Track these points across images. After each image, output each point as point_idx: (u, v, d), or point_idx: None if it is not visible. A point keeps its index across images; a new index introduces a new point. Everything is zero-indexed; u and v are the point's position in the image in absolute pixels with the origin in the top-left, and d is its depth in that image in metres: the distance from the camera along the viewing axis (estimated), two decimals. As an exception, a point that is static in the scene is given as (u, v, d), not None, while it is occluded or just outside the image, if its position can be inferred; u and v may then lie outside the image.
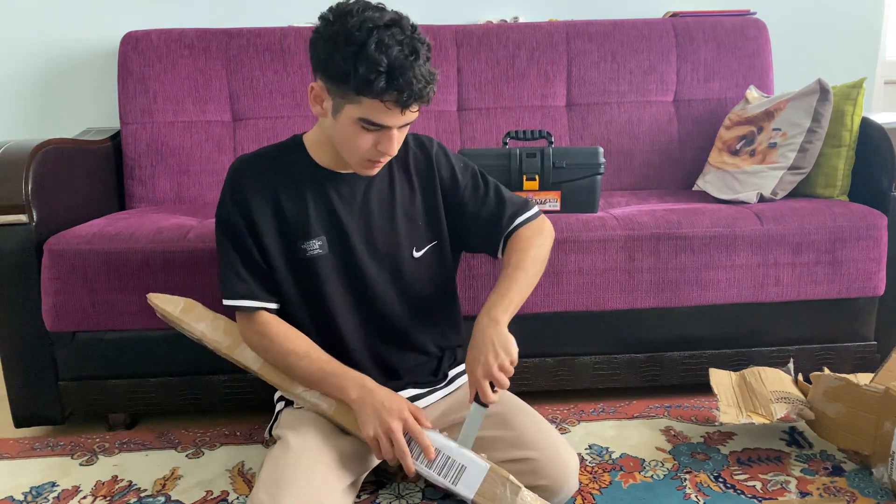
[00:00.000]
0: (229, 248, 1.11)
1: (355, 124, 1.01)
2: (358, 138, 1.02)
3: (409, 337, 1.21)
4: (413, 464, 1.02)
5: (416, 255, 1.19)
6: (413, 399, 1.21)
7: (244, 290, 1.11)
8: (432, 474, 1.04)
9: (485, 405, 1.05)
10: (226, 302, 1.12)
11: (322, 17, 1.01)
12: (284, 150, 1.15)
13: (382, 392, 1.06)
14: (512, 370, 1.04)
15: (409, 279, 1.19)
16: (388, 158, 1.08)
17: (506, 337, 1.05)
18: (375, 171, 1.10)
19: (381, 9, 0.99)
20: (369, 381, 1.08)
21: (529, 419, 1.17)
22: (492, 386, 1.04)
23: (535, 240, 1.19)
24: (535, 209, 1.24)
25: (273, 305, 1.14)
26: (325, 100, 1.04)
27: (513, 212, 1.21)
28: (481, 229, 1.22)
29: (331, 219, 1.13)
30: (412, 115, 1.01)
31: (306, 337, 1.13)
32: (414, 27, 0.99)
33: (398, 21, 0.97)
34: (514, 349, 1.05)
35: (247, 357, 1.21)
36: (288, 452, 1.06)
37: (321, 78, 1.02)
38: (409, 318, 1.20)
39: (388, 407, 1.03)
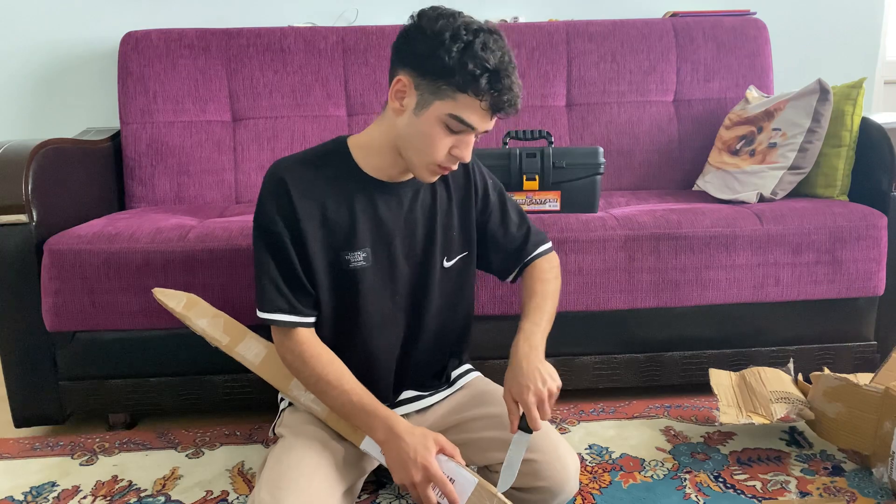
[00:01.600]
0: (270, 260, 1.05)
1: (439, 123, 0.99)
2: (437, 138, 1.00)
3: (430, 344, 1.20)
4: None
5: (447, 264, 1.17)
6: (414, 399, 1.21)
7: (283, 305, 1.05)
8: None
9: (530, 432, 1.04)
10: (262, 315, 1.06)
11: (421, 14, 1.03)
12: (329, 156, 1.09)
13: (409, 438, 1.00)
14: (556, 397, 1.05)
15: (437, 288, 1.17)
16: (456, 166, 1.06)
17: (548, 365, 1.06)
18: (436, 177, 1.07)
19: (468, 19, 1.02)
20: (398, 424, 1.01)
21: None
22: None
23: (555, 272, 1.24)
24: (550, 243, 1.28)
25: (311, 320, 1.09)
26: (410, 96, 1.00)
27: (535, 241, 1.25)
28: (502, 252, 1.23)
29: (378, 230, 1.09)
30: (494, 122, 1.02)
31: (339, 361, 1.08)
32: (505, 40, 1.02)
33: (496, 31, 1.01)
34: (558, 377, 1.06)
35: (245, 355, 1.20)
36: (290, 452, 1.06)
37: (411, 73, 1.00)
38: (433, 326, 1.19)
39: (413, 458, 0.98)
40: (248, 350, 1.21)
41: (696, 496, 1.25)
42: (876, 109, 2.49)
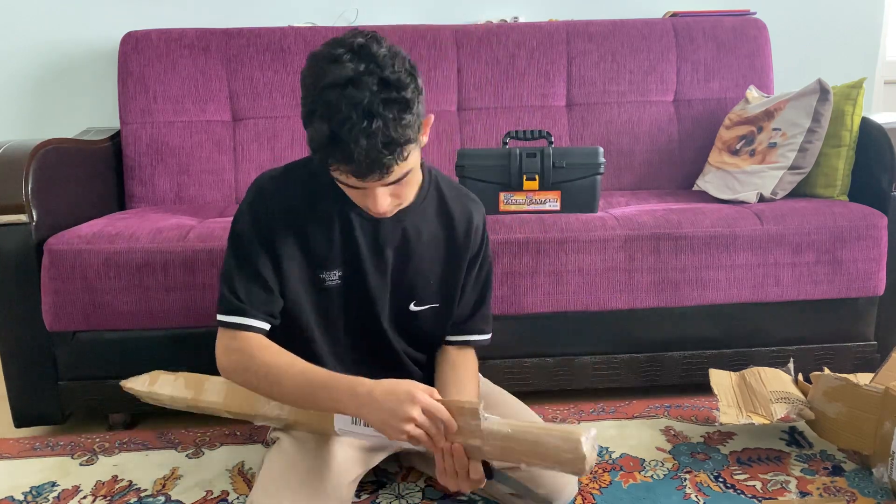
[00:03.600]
0: (234, 263, 1.05)
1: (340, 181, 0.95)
2: (347, 191, 0.97)
3: (404, 365, 1.19)
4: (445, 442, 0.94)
5: (413, 308, 1.14)
6: None
7: (236, 307, 1.03)
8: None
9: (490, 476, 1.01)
10: (218, 317, 1.05)
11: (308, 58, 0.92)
12: (312, 172, 1.06)
13: (379, 389, 0.93)
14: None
15: (404, 325, 1.16)
16: (390, 214, 1.00)
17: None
18: (386, 216, 1.01)
19: (355, 54, 0.87)
20: (360, 385, 0.94)
21: (531, 419, 1.17)
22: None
23: (475, 374, 1.19)
24: (488, 337, 1.23)
25: (264, 325, 1.05)
26: None
27: (474, 326, 1.20)
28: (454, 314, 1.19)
29: (350, 255, 1.08)
30: (384, 179, 0.91)
31: (289, 352, 1.03)
32: (386, 82, 0.86)
33: (359, 78, 0.85)
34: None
35: (210, 398, 1.20)
36: (285, 455, 1.06)
37: None
38: (402, 352, 1.18)
39: (398, 398, 0.91)
40: (212, 392, 1.21)
41: (696, 496, 1.25)
42: (876, 109, 2.49)
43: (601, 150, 1.65)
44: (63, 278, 1.44)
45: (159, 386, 1.27)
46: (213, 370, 1.52)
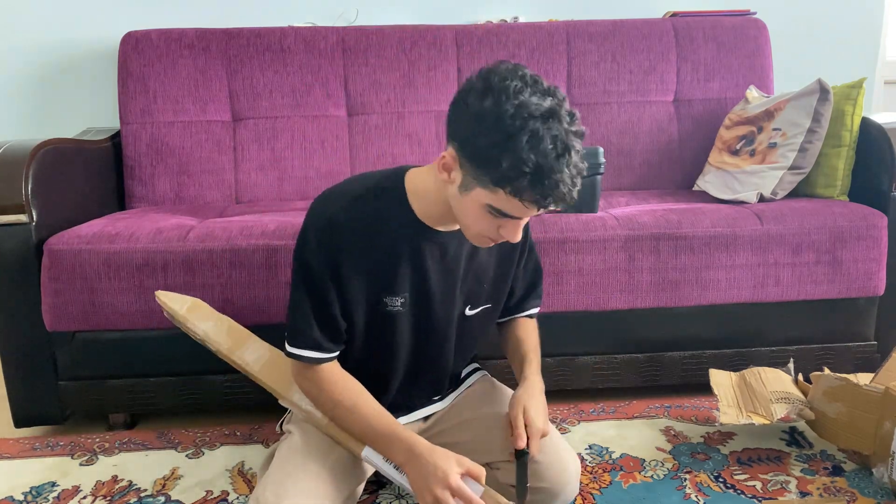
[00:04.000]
0: (305, 295, 1.03)
1: (482, 208, 0.92)
2: (481, 220, 0.95)
3: (446, 372, 1.21)
4: None
5: (469, 313, 1.15)
6: (424, 405, 1.22)
7: (311, 343, 1.04)
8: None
9: (526, 454, 1.05)
10: (289, 349, 1.05)
11: (473, 85, 0.91)
12: (383, 194, 1.04)
13: (430, 458, 0.97)
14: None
15: (458, 332, 1.16)
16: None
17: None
18: (489, 245, 1.02)
19: (540, 89, 0.88)
20: (417, 445, 0.99)
21: None
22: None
23: (533, 330, 1.27)
24: (539, 307, 1.30)
25: (335, 355, 1.07)
26: (456, 171, 0.94)
27: (530, 301, 1.28)
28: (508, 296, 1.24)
29: (418, 278, 1.06)
30: (544, 210, 0.93)
31: (355, 384, 1.07)
32: (573, 115, 0.89)
33: (557, 110, 0.87)
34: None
35: (246, 357, 1.20)
36: (295, 453, 1.05)
37: (457, 148, 0.92)
38: (450, 362, 1.19)
39: (436, 476, 0.95)
40: (250, 353, 1.20)
41: (696, 496, 1.25)
42: (876, 109, 2.49)
43: (601, 150, 1.64)
44: (63, 278, 1.44)
45: (199, 317, 1.22)
46: (213, 370, 1.53)
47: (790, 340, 1.66)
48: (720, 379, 1.48)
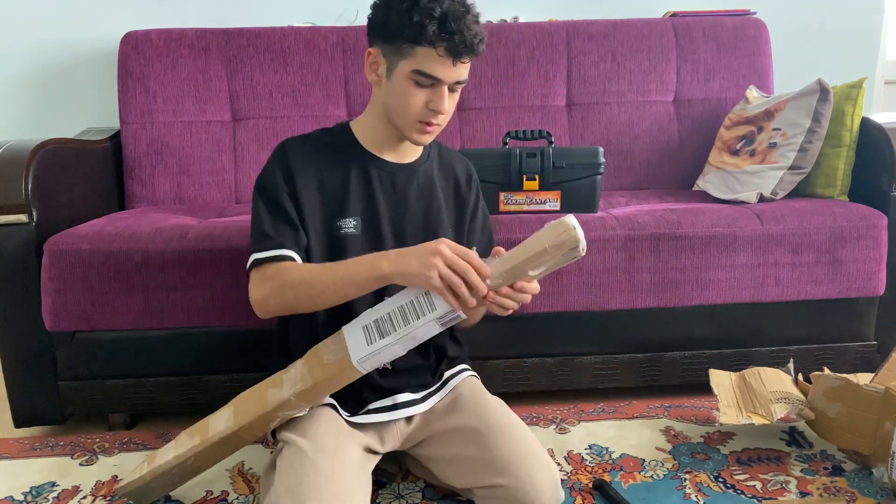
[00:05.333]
0: (263, 208, 1.12)
1: (408, 80, 1.05)
2: (411, 96, 1.06)
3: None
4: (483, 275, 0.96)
5: None
6: (408, 404, 1.18)
7: (273, 244, 1.10)
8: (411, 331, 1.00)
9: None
10: (253, 257, 1.10)
11: None
12: (331, 132, 1.19)
13: (410, 248, 1.01)
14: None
15: None
16: (441, 121, 1.10)
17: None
18: (428, 137, 1.12)
19: None
20: (390, 251, 1.04)
21: (508, 439, 1.11)
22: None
23: None
24: None
25: (296, 256, 1.10)
26: (380, 64, 1.09)
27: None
28: None
29: (368, 202, 1.15)
30: (463, 69, 1.06)
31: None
32: None
33: None
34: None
35: (220, 427, 1.12)
36: (303, 457, 1.03)
37: (377, 43, 1.09)
38: None
39: (427, 247, 0.97)
40: (219, 422, 1.13)
41: (696, 496, 1.25)
42: (876, 109, 2.49)
43: (601, 150, 1.65)
44: (63, 278, 1.44)
45: (159, 457, 1.16)
46: (212, 369, 1.53)
47: (790, 340, 1.66)
48: (720, 379, 1.48)
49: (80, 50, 2.21)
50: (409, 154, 1.20)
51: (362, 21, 2.41)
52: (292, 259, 1.10)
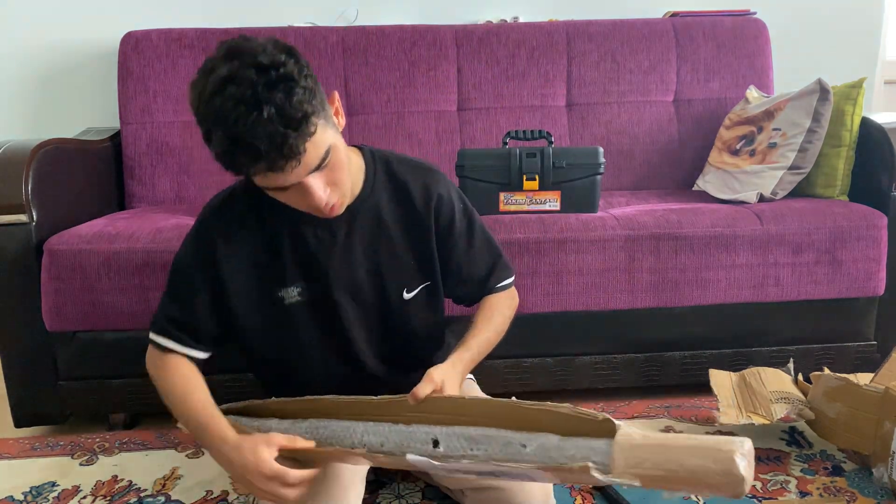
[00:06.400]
0: (168, 290, 1.07)
1: (271, 191, 0.92)
2: (284, 199, 0.93)
3: (398, 364, 1.14)
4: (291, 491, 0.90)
5: (407, 296, 1.10)
6: None
7: (163, 329, 1.05)
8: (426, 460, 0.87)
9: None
10: (150, 334, 1.06)
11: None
12: (250, 192, 1.02)
13: (235, 461, 0.92)
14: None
15: (397, 322, 1.11)
16: (332, 203, 0.94)
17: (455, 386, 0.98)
18: (336, 212, 0.97)
19: (225, 57, 0.84)
20: (225, 448, 0.94)
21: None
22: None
23: (508, 305, 1.17)
24: (513, 277, 1.20)
25: (193, 353, 1.06)
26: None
27: (499, 274, 1.17)
28: (466, 282, 1.16)
29: (309, 265, 1.04)
30: (301, 166, 0.86)
31: (199, 379, 1.04)
32: (259, 66, 0.81)
33: (234, 75, 0.81)
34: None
35: (301, 443, 0.99)
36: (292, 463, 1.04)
37: None
38: (389, 363, 1.13)
39: (238, 475, 0.93)
40: (307, 436, 0.99)
41: (696, 496, 1.25)
42: (876, 109, 2.49)
43: (601, 150, 1.65)
44: (63, 278, 1.44)
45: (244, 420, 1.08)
46: (213, 370, 1.53)
47: (790, 340, 1.66)
48: (720, 379, 1.48)
49: (80, 50, 2.21)
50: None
51: (362, 21, 2.41)
52: (185, 355, 1.05)
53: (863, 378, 1.37)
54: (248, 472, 0.90)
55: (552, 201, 1.65)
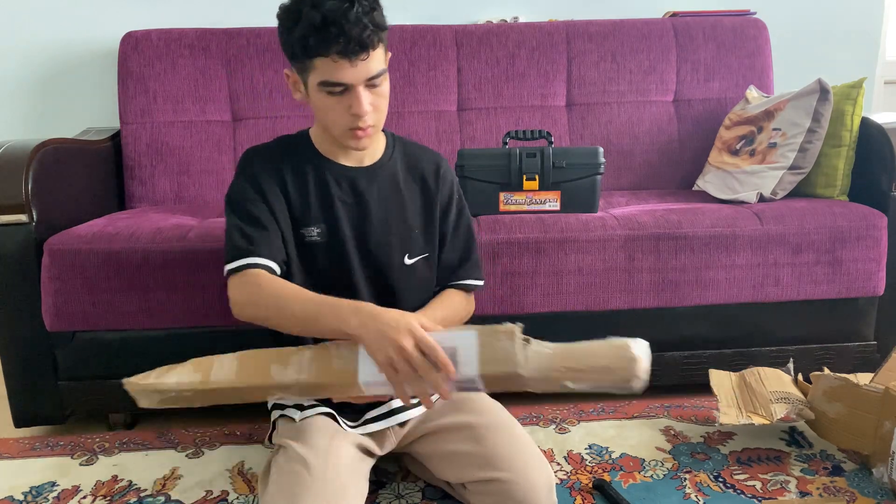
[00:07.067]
0: (234, 219, 1.11)
1: (321, 92, 1.03)
2: (330, 108, 1.04)
3: None
4: (447, 375, 0.92)
5: (408, 262, 1.18)
6: (404, 409, 1.18)
7: (242, 251, 1.07)
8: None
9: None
10: (228, 266, 1.08)
11: (278, 9, 1.05)
12: (291, 140, 1.19)
13: (385, 314, 0.95)
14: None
15: (395, 285, 1.18)
16: (372, 121, 1.05)
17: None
18: (362, 142, 1.08)
19: None
20: (367, 306, 0.98)
21: (503, 436, 1.12)
22: None
23: (464, 304, 1.24)
24: (482, 283, 1.27)
25: (270, 264, 1.08)
26: (298, 82, 1.08)
27: (469, 271, 1.25)
28: (438, 264, 1.23)
29: (328, 209, 1.14)
30: (368, 65, 1.00)
31: (297, 285, 1.08)
32: None
33: None
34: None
35: (220, 376, 1.11)
36: (297, 460, 1.04)
37: (289, 64, 1.07)
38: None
39: (395, 326, 0.93)
40: (222, 369, 1.12)
41: (696, 496, 1.25)
42: (876, 109, 2.49)
43: (601, 150, 1.65)
44: (63, 278, 1.44)
45: (166, 377, 1.17)
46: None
47: (790, 340, 1.66)
48: (720, 379, 1.48)
49: (80, 50, 2.21)
50: (368, 157, 1.17)
51: (362, 21, 2.38)
52: (268, 267, 1.07)
53: (863, 378, 1.37)
54: (392, 329, 0.92)
55: (552, 201, 1.65)
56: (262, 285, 1.06)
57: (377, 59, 1.02)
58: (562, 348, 0.93)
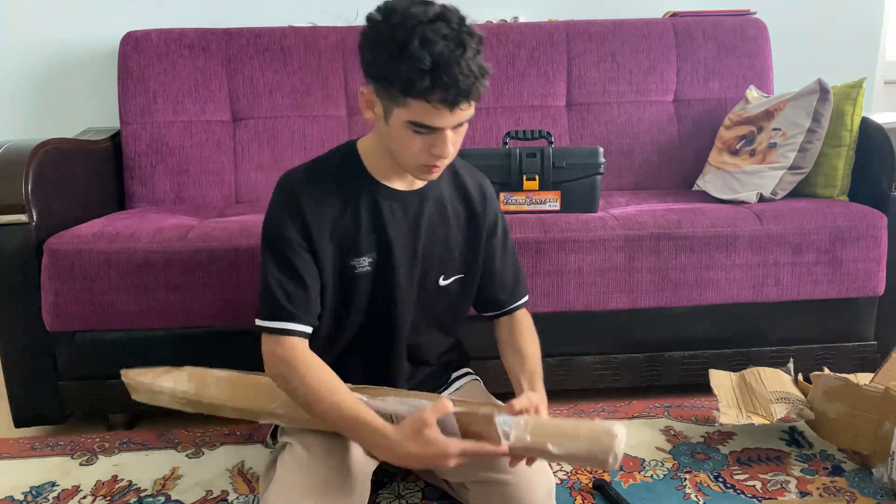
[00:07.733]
0: (274, 266, 1.04)
1: (406, 128, 0.96)
2: (410, 143, 0.97)
3: (413, 351, 1.19)
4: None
5: (442, 283, 1.16)
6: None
7: (281, 312, 1.03)
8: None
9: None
10: (258, 322, 1.04)
11: (368, 18, 0.98)
12: (337, 159, 1.10)
13: (413, 444, 0.94)
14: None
15: (429, 303, 1.16)
16: (446, 162, 1.02)
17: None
18: (434, 175, 1.04)
19: (427, 3, 0.93)
20: (398, 444, 0.94)
21: None
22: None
23: (533, 330, 1.24)
24: (528, 295, 1.29)
25: (307, 330, 1.05)
26: (376, 104, 0.99)
27: (523, 286, 1.27)
28: (490, 288, 1.23)
29: (381, 236, 1.08)
30: (464, 113, 0.95)
31: (330, 371, 1.03)
32: (462, 19, 0.93)
33: (444, 14, 0.92)
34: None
35: (212, 392, 1.15)
36: (301, 460, 1.04)
37: (370, 82, 0.98)
38: (417, 336, 1.18)
39: (431, 459, 0.94)
40: (216, 386, 1.16)
41: (695, 496, 1.25)
42: (876, 109, 2.49)
43: (601, 150, 1.65)
44: (63, 278, 1.44)
45: (161, 379, 1.21)
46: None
47: (790, 340, 1.66)
48: (720, 379, 1.48)
49: (80, 50, 2.21)
50: (419, 180, 1.11)
51: (362, 21, 2.40)
52: (304, 333, 1.04)
53: (863, 378, 1.37)
54: (436, 455, 0.93)
55: (552, 201, 1.65)
56: (296, 369, 1.01)
57: (473, 107, 0.97)
58: (546, 423, 0.99)
